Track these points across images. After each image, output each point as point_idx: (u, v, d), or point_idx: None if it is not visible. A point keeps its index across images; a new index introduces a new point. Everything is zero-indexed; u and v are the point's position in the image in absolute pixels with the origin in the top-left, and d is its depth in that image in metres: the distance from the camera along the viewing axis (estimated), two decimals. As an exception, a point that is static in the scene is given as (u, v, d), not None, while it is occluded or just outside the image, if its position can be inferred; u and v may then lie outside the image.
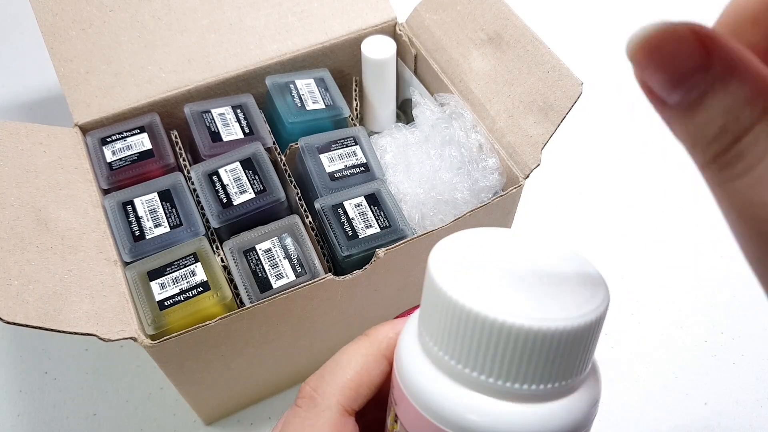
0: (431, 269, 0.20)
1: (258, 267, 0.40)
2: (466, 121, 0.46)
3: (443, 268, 0.20)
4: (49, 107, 0.66)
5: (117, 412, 0.48)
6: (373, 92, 0.52)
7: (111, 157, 0.44)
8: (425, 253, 0.44)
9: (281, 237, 0.41)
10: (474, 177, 0.45)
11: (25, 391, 0.49)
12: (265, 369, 0.44)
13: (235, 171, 0.43)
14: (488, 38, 0.46)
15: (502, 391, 0.19)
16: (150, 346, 0.35)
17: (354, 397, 0.24)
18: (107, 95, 0.46)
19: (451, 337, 0.19)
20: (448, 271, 0.20)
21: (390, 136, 0.49)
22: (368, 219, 0.42)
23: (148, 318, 0.37)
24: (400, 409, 0.22)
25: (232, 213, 0.42)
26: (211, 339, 0.38)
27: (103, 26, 0.47)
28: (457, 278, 0.20)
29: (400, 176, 0.46)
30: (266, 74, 0.49)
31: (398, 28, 0.52)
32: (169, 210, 0.42)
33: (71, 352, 0.51)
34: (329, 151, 0.45)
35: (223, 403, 0.46)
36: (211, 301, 0.38)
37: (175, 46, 0.48)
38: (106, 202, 0.42)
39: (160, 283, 0.39)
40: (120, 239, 0.40)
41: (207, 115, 0.46)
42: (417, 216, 0.45)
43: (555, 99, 0.42)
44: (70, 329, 0.34)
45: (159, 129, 0.46)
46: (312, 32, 0.50)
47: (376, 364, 0.24)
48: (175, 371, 0.39)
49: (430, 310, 0.20)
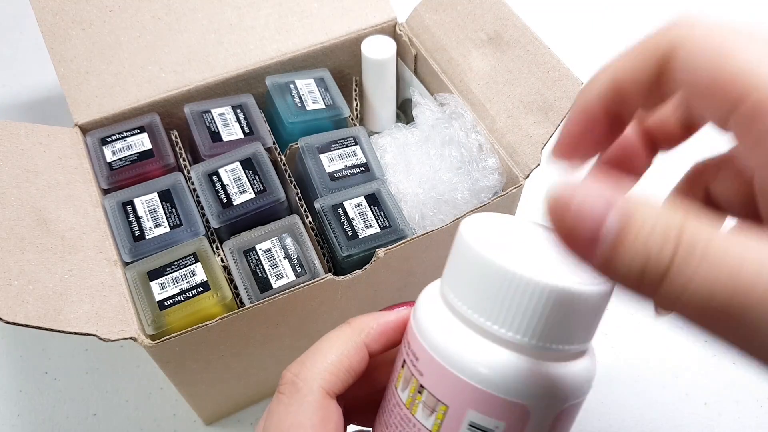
0: (465, 234, 0.22)
1: (258, 267, 0.40)
2: (466, 121, 0.46)
3: (476, 234, 0.22)
4: (49, 107, 0.66)
5: (117, 412, 0.48)
6: (373, 92, 0.52)
7: (111, 157, 0.44)
8: (425, 253, 0.45)
9: (281, 237, 0.41)
10: (474, 177, 0.45)
11: (25, 391, 0.49)
12: (265, 369, 0.44)
13: (235, 171, 0.43)
14: (488, 38, 0.46)
15: (529, 349, 0.21)
16: (150, 346, 0.35)
17: (335, 381, 0.24)
18: (107, 95, 0.46)
19: (486, 297, 0.21)
20: (482, 236, 0.21)
21: (390, 136, 0.49)
22: (368, 219, 0.42)
23: (148, 318, 0.37)
24: (427, 378, 0.22)
25: (232, 213, 0.42)
26: (211, 339, 0.38)
27: (103, 26, 0.47)
28: (491, 242, 0.21)
29: (400, 176, 0.46)
30: (266, 74, 0.49)
31: (398, 28, 0.52)
32: (169, 210, 0.42)
33: (71, 352, 0.51)
34: (329, 151, 0.45)
35: (223, 403, 0.46)
36: (211, 301, 0.38)
37: (175, 46, 0.48)
38: (106, 202, 0.42)
39: (160, 283, 0.39)
40: (120, 239, 0.40)
41: (207, 115, 0.46)
42: (417, 216, 0.45)
43: (555, 99, 0.42)
44: (70, 329, 0.34)
45: (159, 129, 0.46)
46: (312, 32, 0.50)
47: (357, 351, 0.25)
48: (175, 371, 0.39)
49: (466, 276, 0.21)
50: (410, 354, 0.23)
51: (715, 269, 0.15)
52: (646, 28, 0.20)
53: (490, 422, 0.21)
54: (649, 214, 0.16)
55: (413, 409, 0.22)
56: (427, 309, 0.23)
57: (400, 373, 0.23)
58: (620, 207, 0.16)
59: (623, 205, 0.16)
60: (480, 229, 0.22)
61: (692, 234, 0.15)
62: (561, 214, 0.16)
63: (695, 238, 0.15)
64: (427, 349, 0.22)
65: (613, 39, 0.72)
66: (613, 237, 0.16)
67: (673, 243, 0.15)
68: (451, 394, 0.21)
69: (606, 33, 0.73)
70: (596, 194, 0.16)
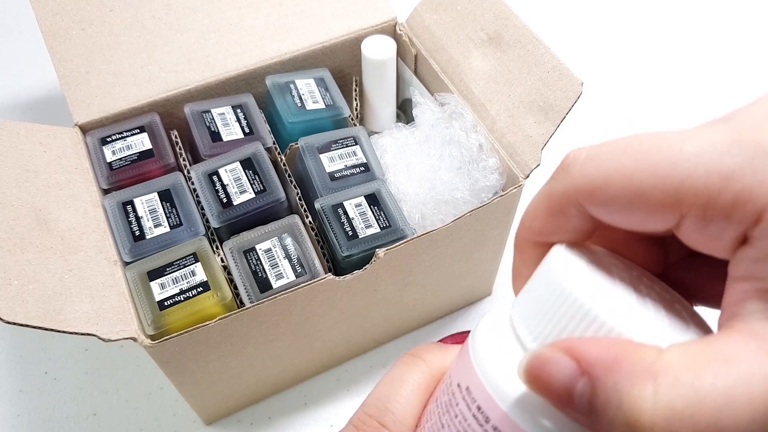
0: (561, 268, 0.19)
1: (258, 267, 0.40)
2: (466, 121, 0.46)
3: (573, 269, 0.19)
4: (49, 107, 0.66)
5: (117, 412, 0.48)
6: (373, 92, 0.52)
7: (111, 156, 0.44)
8: (425, 253, 0.44)
9: (281, 237, 0.41)
10: (474, 177, 0.45)
11: (25, 391, 0.49)
12: (265, 369, 0.44)
13: (235, 171, 0.43)
14: (488, 38, 0.46)
15: None
16: (150, 346, 0.35)
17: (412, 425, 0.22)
18: (107, 95, 0.46)
19: None
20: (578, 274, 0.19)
21: (390, 136, 0.49)
22: (368, 219, 0.42)
23: (148, 318, 0.37)
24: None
25: (232, 213, 0.42)
26: (211, 339, 0.38)
27: (103, 26, 0.47)
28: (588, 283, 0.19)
29: (400, 176, 0.46)
30: (266, 74, 0.49)
31: (398, 28, 0.52)
32: (169, 210, 0.42)
33: (71, 352, 0.51)
34: (329, 151, 0.45)
35: (223, 403, 0.46)
36: (211, 301, 0.38)
37: (175, 46, 0.48)
38: (106, 202, 0.42)
39: (160, 283, 0.39)
40: (120, 239, 0.40)
41: (207, 114, 0.46)
42: (417, 216, 0.45)
43: (555, 99, 0.42)
44: (70, 329, 0.34)
45: (159, 129, 0.46)
46: (312, 32, 0.50)
47: (428, 393, 0.23)
48: (175, 371, 0.39)
49: (550, 314, 0.19)
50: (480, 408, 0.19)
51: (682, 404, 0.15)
52: (646, 28, 0.20)
53: None
54: (612, 378, 0.16)
55: None
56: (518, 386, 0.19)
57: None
58: (585, 375, 0.16)
59: (586, 375, 0.16)
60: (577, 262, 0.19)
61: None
62: (535, 378, 0.17)
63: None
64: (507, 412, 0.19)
65: (613, 39, 0.72)
66: (587, 399, 0.16)
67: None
68: None
69: (606, 33, 0.73)
70: (562, 359, 0.17)
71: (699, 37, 0.72)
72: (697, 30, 0.73)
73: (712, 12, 0.75)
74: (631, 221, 0.18)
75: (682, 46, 0.71)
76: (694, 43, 0.72)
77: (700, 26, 0.73)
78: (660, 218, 0.18)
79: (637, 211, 0.18)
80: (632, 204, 0.18)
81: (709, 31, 0.73)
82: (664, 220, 0.18)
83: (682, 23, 0.74)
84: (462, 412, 0.20)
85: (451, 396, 0.20)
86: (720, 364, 0.15)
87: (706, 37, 0.72)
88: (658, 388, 0.15)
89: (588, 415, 0.16)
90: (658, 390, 0.15)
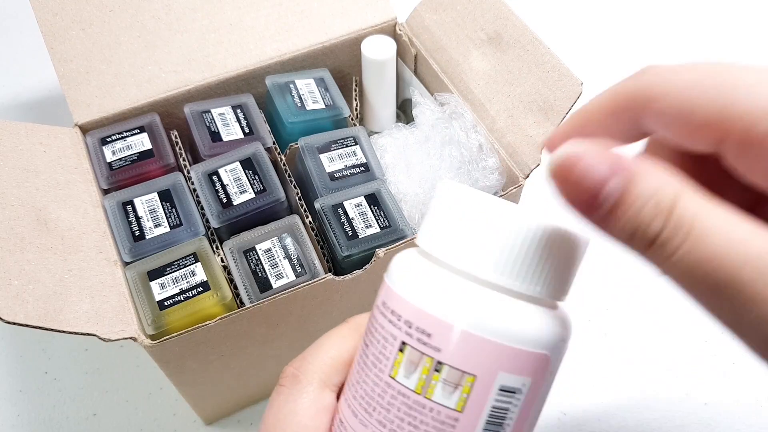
0: (470, 194, 0.22)
1: (258, 267, 0.40)
2: (466, 121, 0.46)
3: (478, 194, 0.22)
4: (49, 107, 0.66)
5: (117, 412, 0.48)
6: (373, 92, 0.52)
7: (111, 157, 0.44)
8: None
9: (281, 237, 0.41)
10: (474, 177, 0.45)
11: (25, 391, 0.49)
12: (265, 369, 0.44)
13: (235, 171, 0.43)
14: (488, 38, 0.46)
15: (542, 299, 0.22)
16: (150, 346, 0.36)
17: (334, 375, 0.25)
18: (107, 95, 0.46)
19: (511, 256, 0.21)
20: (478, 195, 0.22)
21: (390, 136, 0.49)
22: (368, 219, 0.42)
23: (148, 318, 0.37)
24: (447, 352, 0.21)
25: (232, 213, 0.42)
26: (211, 339, 0.38)
27: (103, 26, 0.47)
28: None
29: (400, 176, 0.46)
30: (266, 74, 0.49)
31: (398, 28, 0.52)
32: (169, 210, 0.42)
33: (71, 352, 0.51)
34: (329, 151, 0.45)
35: (223, 403, 0.46)
36: (211, 301, 0.38)
37: (175, 46, 0.48)
38: (106, 202, 0.42)
39: (160, 283, 0.39)
40: (120, 239, 0.40)
41: (207, 115, 0.46)
42: (417, 216, 0.45)
43: (555, 99, 0.42)
44: (70, 329, 0.34)
45: (159, 129, 0.46)
46: (312, 32, 0.50)
47: (355, 347, 0.26)
48: (175, 371, 0.39)
49: (479, 238, 0.21)
50: (414, 333, 0.21)
51: (698, 249, 0.16)
52: (646, 28, 0.20)
53: (518, 381, 0.21)
54: (646, 186, 0.17)
55: (428, 392, 0.21)
56: (427, 281, 0.22)
57: (398, 360, 0.22)
58: (622, 174, 0.17)
59: (625, 173, 0.17)
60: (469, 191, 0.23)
61: (681, 212, 0.17)
62: (567, 170, 0.18)
63: (683, 216, 0.17)
64: (446, 320, 0.21)
65: (613, 39, 0.72)
66: (611, 202, 0.17)
67: (662, 218, 0.17)
68: (480, 361, 0.20)
69: (606, 33, 0.73)
70: (602, 158, 0.18)
71: (699, 37, 0.72)
72: (697, 30, 0.73)
73: (712, 12, 0.75)
74: (679, 134, 0.19)
75: (681, 46, 0.71)
76: (694, 43, 0.72)
77: (700, 26, 0.73)
78: (703, 136, 0.19)
79: (685, 125, 0.19)
80: (681, 116, 0.19)
81: (709, 31, 0.73)
82: (706, 138, 0.19)
83: (682, 23, 0.74)
84: (380, 323, 0.23)
85: (372, 319, 0.23)
86: None
87: (706, 37, 0.72)
88: None
89: (606, 214, 0.17)
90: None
